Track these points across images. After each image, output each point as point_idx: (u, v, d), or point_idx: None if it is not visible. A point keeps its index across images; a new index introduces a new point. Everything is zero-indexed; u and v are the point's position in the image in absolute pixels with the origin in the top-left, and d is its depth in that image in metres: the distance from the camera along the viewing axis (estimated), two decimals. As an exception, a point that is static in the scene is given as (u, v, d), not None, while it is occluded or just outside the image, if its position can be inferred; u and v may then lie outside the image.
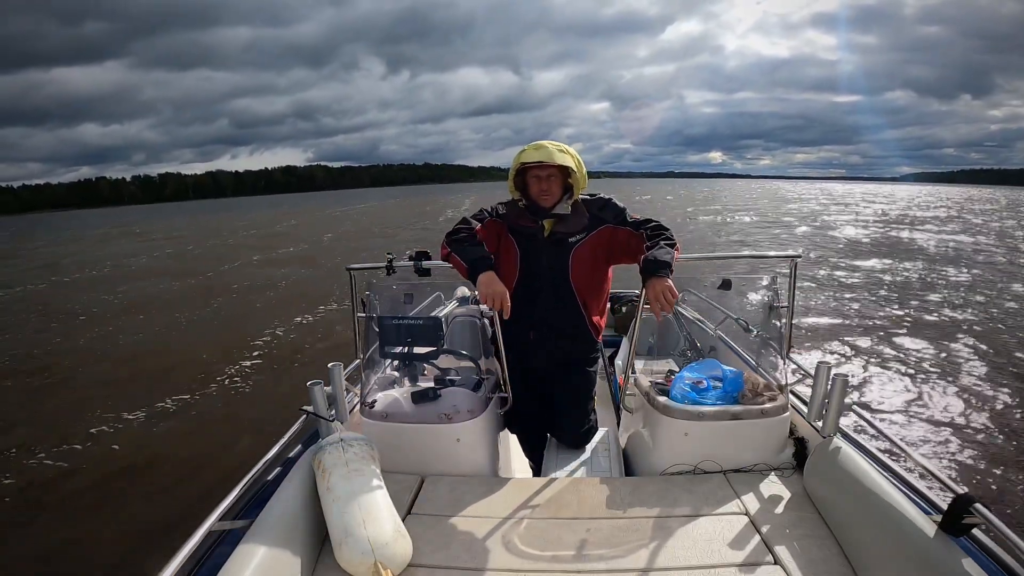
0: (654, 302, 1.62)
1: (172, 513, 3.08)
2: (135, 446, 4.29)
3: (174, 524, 2.69)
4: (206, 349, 6.69)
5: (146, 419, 4.76)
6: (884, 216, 26.44)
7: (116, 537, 3.10)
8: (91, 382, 5.86)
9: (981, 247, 14.81)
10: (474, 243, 1.79)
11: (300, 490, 1.42)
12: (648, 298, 1.64)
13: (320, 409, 1.67)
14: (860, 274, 10.63)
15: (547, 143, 1.82)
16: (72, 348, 7.20)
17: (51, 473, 3.93)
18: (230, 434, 4.31)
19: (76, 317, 8.94)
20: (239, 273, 12.79)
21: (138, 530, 3.09)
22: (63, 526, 3.29)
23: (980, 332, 6.55)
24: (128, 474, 3.86)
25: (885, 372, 5.28)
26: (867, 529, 1.27)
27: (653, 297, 1.62)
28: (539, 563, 1.35)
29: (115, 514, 3.37)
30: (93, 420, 4.72)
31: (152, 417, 4.79)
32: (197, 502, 2.95)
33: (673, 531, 1.42)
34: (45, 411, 5.09)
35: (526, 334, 1.93)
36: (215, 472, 3.59)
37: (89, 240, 27.12)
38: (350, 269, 2.09)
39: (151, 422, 4.72)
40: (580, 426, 2.07)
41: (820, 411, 1.63)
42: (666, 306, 1.62)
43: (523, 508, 1.57)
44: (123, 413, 4.84)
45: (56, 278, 13.77)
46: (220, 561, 1.17)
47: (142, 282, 12.13)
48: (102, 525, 3.24)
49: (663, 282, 1.62)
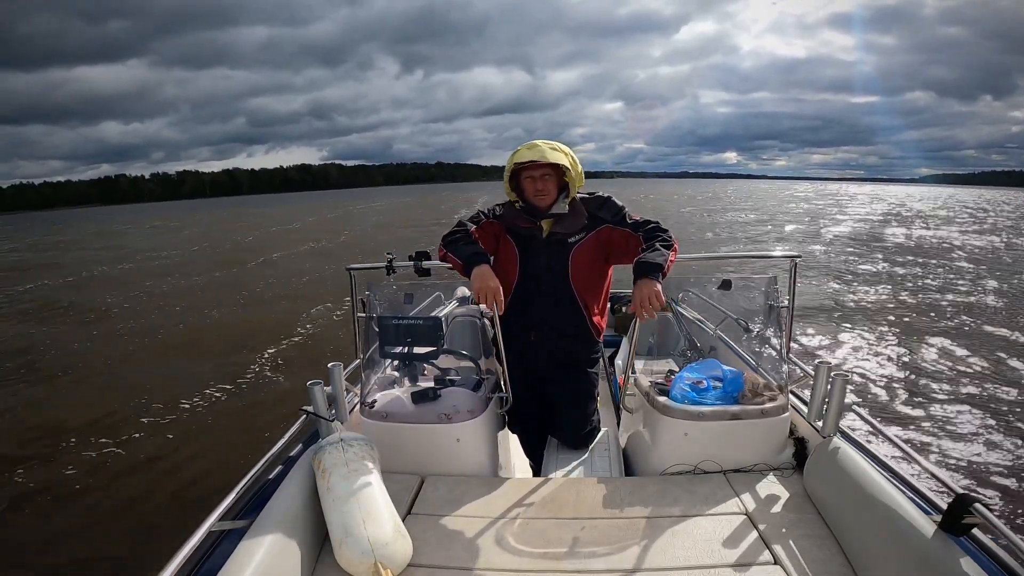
0: (638, 305, 1.63)
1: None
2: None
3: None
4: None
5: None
6: (889, 215, 26.45)
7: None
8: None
9: (992, 247, 14.79)
10: (469, 242, 1.80)
11: (300, 490, 1.42)
12: (633, 300, 1.65)
13: (320, 409, 1.67)
14: (859, 274, 10.64)
15: (540, 142, 1.81)
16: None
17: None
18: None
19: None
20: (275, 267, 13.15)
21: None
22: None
23: (980, 332, 6.56)
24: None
25: (885, 372, 5.29)
26: (867, 529, 1.27)
27: (638, 300, 1.63)
28: (539, 563, 1.35)
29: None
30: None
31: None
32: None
33: (673, 531, 1.42)
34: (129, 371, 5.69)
35: (527, 335, 1.94)
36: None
37: (138, 233, 28.06)
38: (350, 269, 2.09)
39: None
40: (582, 427, 2.07)
41: (820, 411, 1.63)
42: (649, 310, 1.62)
43: (523, 508, 1.57)
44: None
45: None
46: (220, 561, 1.16)
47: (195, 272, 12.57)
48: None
49: (651, 286, 1.62)
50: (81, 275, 13.48)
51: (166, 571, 1.06)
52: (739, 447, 1.71)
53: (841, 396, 1.58)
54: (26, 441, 4.37)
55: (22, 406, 5.17)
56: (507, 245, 1.93)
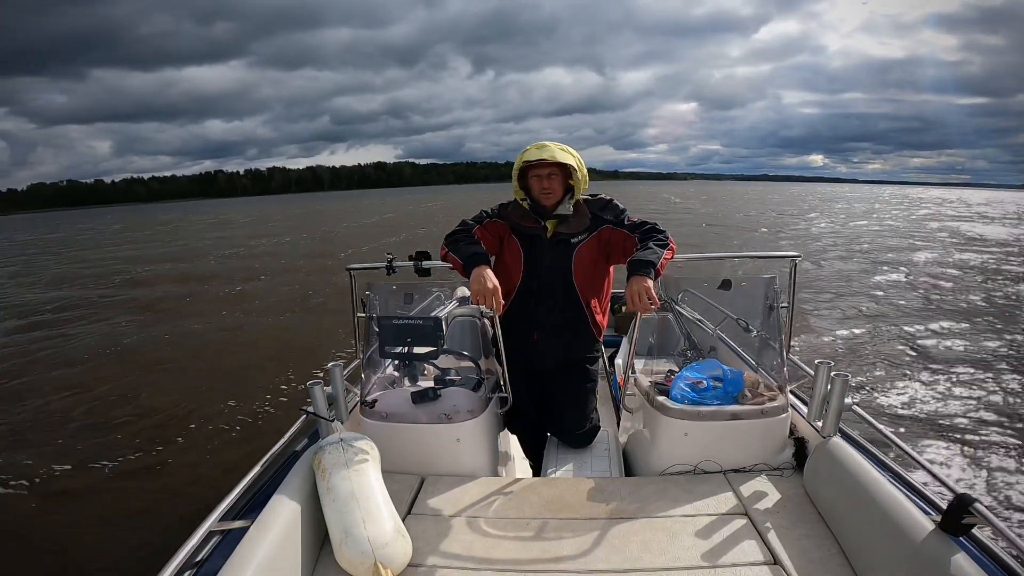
0: (629, 301, 1.66)
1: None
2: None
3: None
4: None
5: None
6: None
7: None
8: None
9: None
10: (471, 242, 1.81)
11: (300, 490, 1.42)
12: (625, 296, 1.68)
13: (320, 409, 1.67)
14: (859, 272, 10.63)
15: (550, 143, 1.84)
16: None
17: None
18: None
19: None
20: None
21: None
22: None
23: (981, 331, 6.55)
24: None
25: (885, 372, 5.28)
26: (867, 529, 1.27)
27: (629, 296, 1.66)
28: (539, 563, 1.35)
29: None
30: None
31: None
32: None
33: (673, 531, 1.42)
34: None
35: (530, 334, 1.94)
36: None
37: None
38: (350, 269, 2.09)
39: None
40: (582, 426, 2.07)
41: (820, 411, 1.63)
42: (639, 306, 1.65)
43: (523, 508, 1.57)
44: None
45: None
46: (220, 561, 1.16)
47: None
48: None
49: (642, 282, 1.64)
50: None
51: (166, 571, 1.06)
52: (739, 447, 1.71)
53: (841, 396, 1.58)
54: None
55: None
56: (512, 245, 1.94)
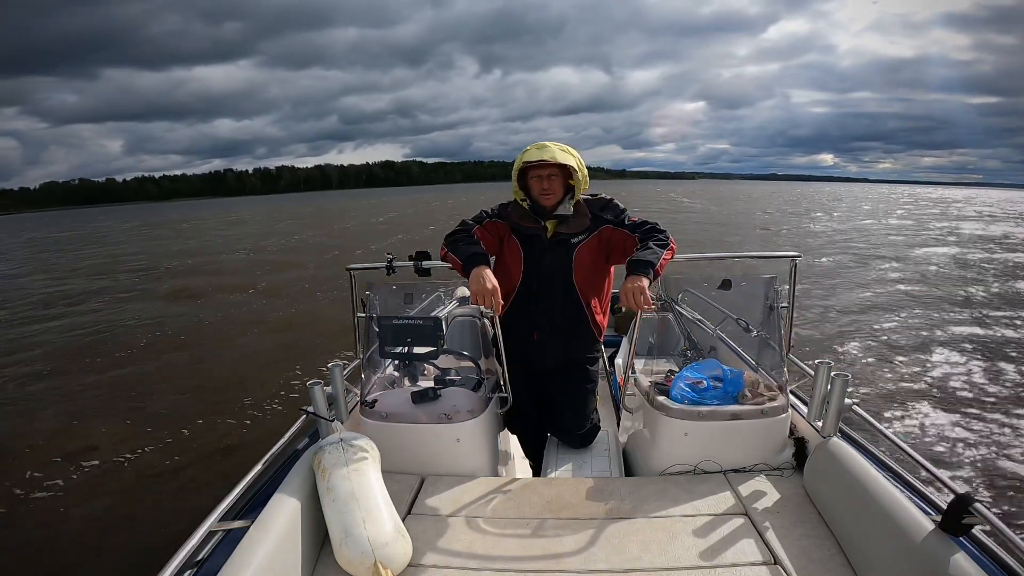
0: (623, 299, 1.66)
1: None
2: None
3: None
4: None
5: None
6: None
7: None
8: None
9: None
10: (470, 242, 1.81)
11: (300, 490, 1.42)
12: (620, 295, 1.68)
13: (320, 409, 1.67)
14: (858, 272, 10.63)
15: (550, 143, 1.83)
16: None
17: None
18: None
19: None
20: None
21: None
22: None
23: (981, 331, 6.55)
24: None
25: (885, 372, 5.28)
26: (867, 529, 1.27)
27: (623, 295, 1.66)
28: (539, 563, 1.35)
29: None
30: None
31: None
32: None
33: (673, 531, 1.42)
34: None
35: (530, 334, 1.94)
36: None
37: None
38: (350, 269, 2.09)
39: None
40: (582, 426, 2.07)
41: (820, 411, 1.63)
42: (633, 305, 1.65)
43: (523, 508, 1.57)
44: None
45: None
46: (220, 561, 1.16)
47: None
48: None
49: (636, 281, 1.64)
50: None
51: (166, 570, 1.06)
52: (739, 447, 1.71)
53: (841, 396, 1.58)
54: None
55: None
56: (512, 245, 1.94)
